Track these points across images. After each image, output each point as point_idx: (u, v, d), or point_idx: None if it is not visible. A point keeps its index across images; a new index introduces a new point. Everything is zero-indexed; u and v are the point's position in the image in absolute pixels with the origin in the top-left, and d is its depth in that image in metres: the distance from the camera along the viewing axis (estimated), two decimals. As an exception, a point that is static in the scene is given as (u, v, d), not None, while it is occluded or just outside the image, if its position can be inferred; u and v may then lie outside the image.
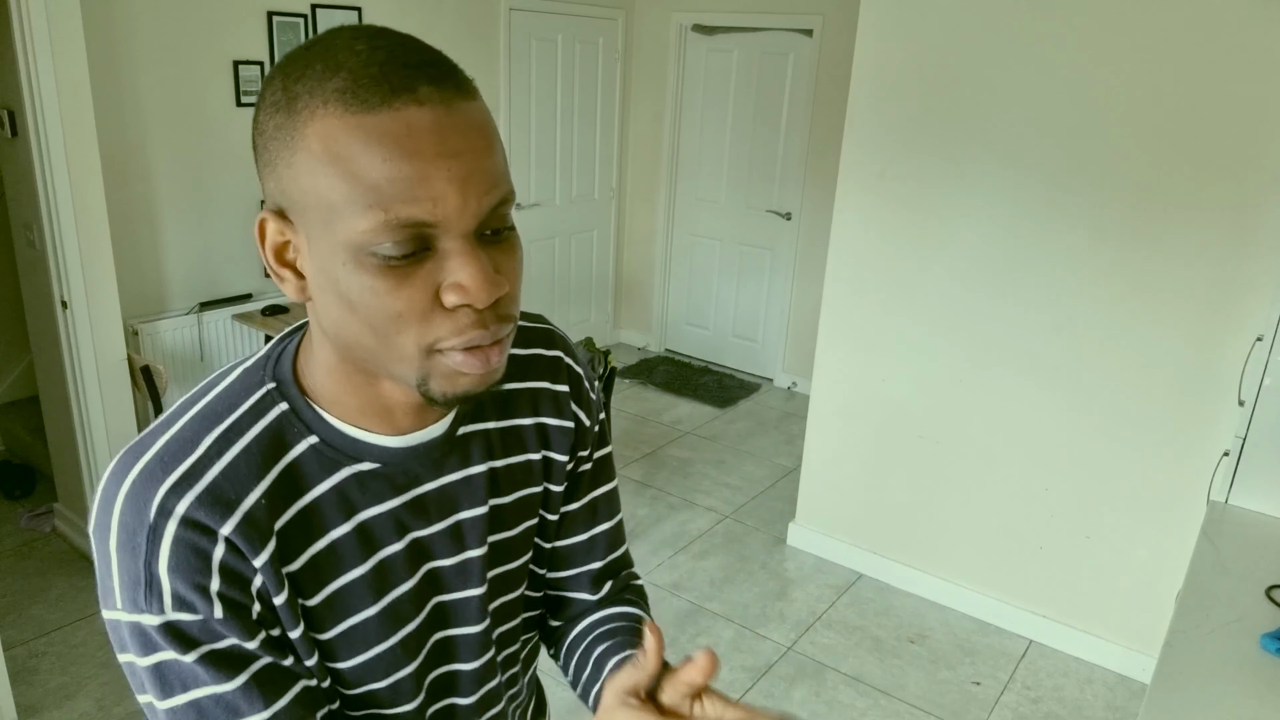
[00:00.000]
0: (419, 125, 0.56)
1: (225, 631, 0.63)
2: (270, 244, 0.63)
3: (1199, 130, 2.39)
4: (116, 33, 3.08)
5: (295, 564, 0.67)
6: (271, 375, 0.69)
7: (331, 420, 0.68)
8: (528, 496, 0.81)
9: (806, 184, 4.75)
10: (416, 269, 0.58)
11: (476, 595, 0.78)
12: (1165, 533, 2.67)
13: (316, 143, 0.56)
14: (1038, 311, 2.75)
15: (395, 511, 0.71)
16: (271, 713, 0.65)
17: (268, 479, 0.66)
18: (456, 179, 0.57)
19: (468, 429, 0.76)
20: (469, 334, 0.60)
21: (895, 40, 2.83)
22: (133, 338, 3.27)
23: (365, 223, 0.56)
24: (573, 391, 0.84)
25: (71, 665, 2.60)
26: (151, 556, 0.61)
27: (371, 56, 0.57)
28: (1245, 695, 1.46)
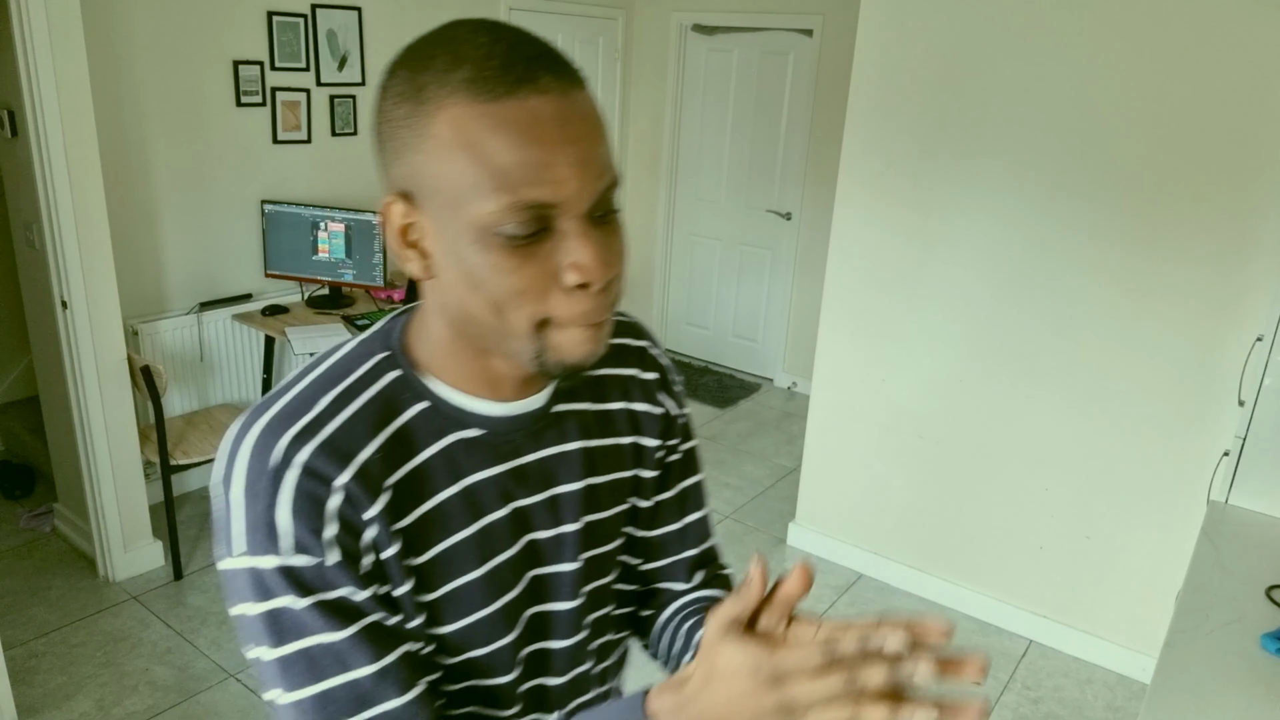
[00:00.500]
0: (542, 113, 0.60)
1: (337, 580, 0.66)
2: (395, 226, 0.66)
3: (1199, 130, 2.39)
4: (116, 33, 3.08)
5: (405, 521, 0.69)
6: (384, 346, 0.73)
7: (440, 388, 0.72)
8: (620, 480, 0.84)
9: (806, 184, 4.75)
10: (537, 248, 0.62)
11: (570, 570, 0.80)
12: (1165, 533, 2.66)
13: (446, 130, 0.60)
14: (1038, 311, 2.75)
15: (499, 478, 0.74)
16: (379, 667, 0.67)
17: (380, 438, 0.69)
18: (577, 163, 0.61)
19: (563, 407, 0.79)
20: (583, 310, 0.65)
21: (895, 40, 2.83)
22: (133, 338, 3.27)
23: (492, 204, 0.60)
24: (660, 380, 0.88)
25: (71, 665, 2.60)
26: (273, 501, 0.64)
27: (493, 49, 0.61)
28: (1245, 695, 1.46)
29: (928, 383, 3.02)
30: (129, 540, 3.02)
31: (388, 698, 0.67)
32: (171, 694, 2.51)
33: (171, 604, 2.91)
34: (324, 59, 3.70)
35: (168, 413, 3.27)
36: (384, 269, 3.54)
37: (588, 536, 0.81)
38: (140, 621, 2.81)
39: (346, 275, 3.57)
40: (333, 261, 3.56)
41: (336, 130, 3.81)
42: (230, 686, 2.56)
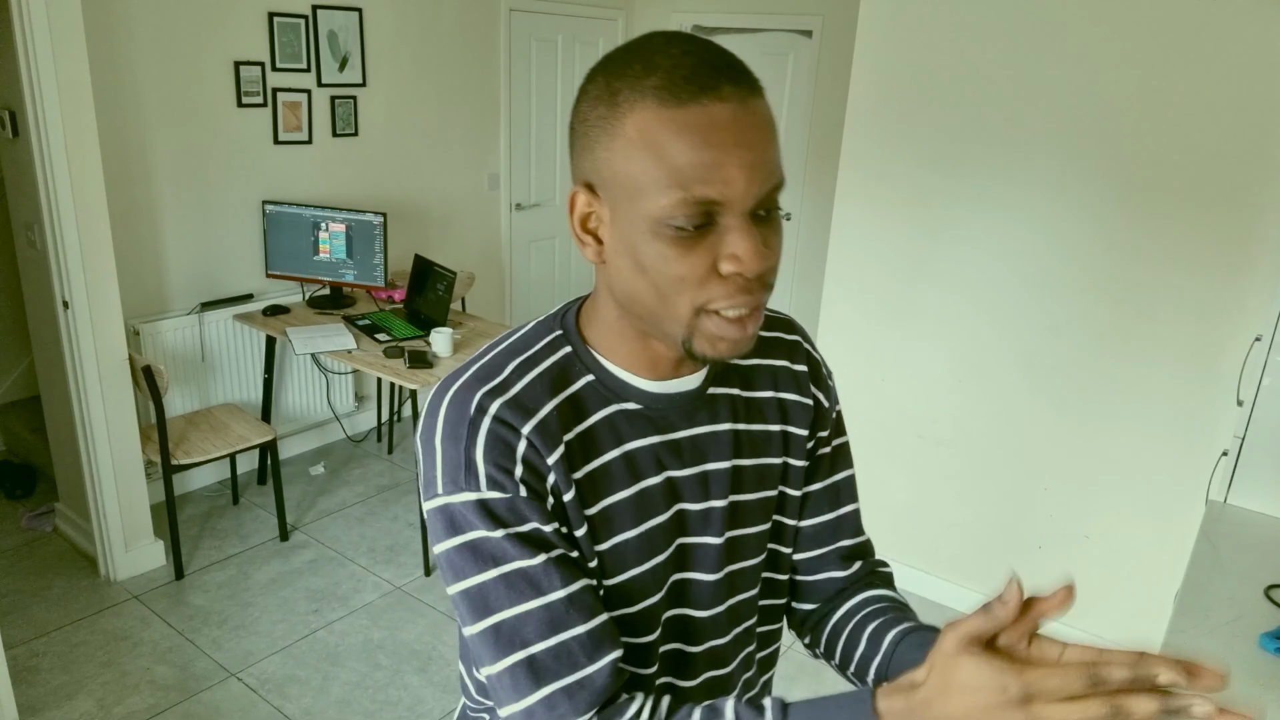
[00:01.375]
0: (720, 119, 0.67)
1: (528, 514, 0.74)
2: (578, 213, 0.74)
3: (1199, 130, 2.40)
4: (117, 33, 3.08)
5: (579, 473, 0.77)
6: (559, 325, 0.82)
7: (606, 364, 0.80)
8: (768, 466, 0.89)
9: (806, 184, 4.75)
10: (701, 240, 0.69)
11: (715, 544, 0.85)
12: (1164, 532, 2.67)
13: (634, 131, 0.67)
14: (1037, 311, 2.75)
15: (655, 448, 0.81)
16: (567, 592, 0.73)
17: (557, 400, 0.77)
18: (745, 165, 0.67)
19: (716, 390, 0.86)
20: (737, 298, 0.70)
21: (895, 41, 2.83)
22: (134, 338, 3.27)
23: (667, 199, 0.67)
24: (811, 373, 0.93)
25: (71, 665, 2.60)
26: (470, 444, 0.73)
27: (683, 60, 0.67)
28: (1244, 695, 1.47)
29: (927, 383, 3.02)
30: (130, 540, 3.02)
31: (577, 622, 0.73)
32: (173, 693, 2.52)
33: (173, 603, 2.91)
34: (325, 60, 3.70)
35: (169, 412, 3.27)
36: (384, 269, 3.55)
37: (732, 515, 0.86)
38: (141, 621, 2.82)
39: (347, 275, 3.58)
40: (334, 262, 3.56)
41: (337, 131, 3.82)
42: (231, 686, 2.56)
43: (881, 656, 0.85)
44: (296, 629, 2.82)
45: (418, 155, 4.21)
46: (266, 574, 3.10)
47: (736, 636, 0.90)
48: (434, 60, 4.15)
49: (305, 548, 3.28)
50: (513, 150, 4.69)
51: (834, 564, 0.96)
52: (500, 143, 4.60)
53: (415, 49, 4.05)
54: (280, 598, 2.97)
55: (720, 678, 0.90)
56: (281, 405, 3.84)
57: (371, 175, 4.01)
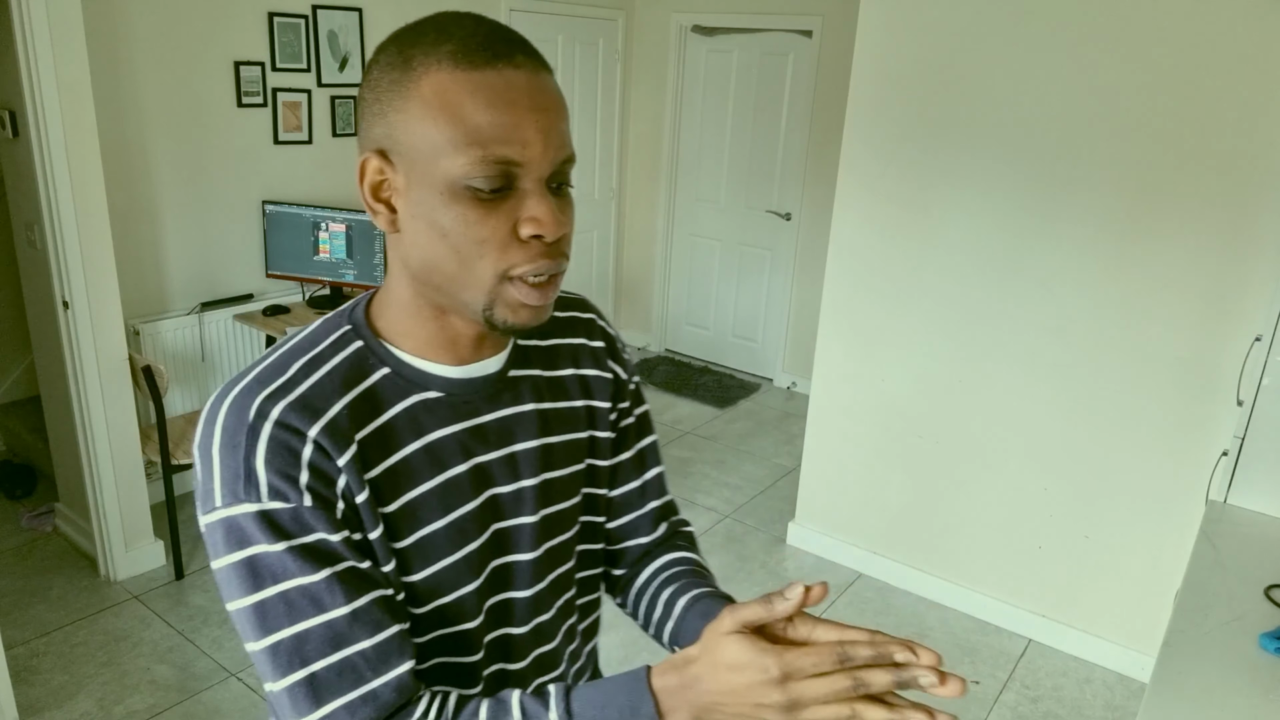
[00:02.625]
0: (516, 83, 0.69)
1: (313, 523, 0.70)
2: (369, 181, 0.73)
3: (1198, 129, 2.40)
4: (117, 33, 3.08)
5: (373, 472, 0.75)
6: (347, 320, 0.80)
7: (401, 354, 0.79)
8: (575, 441, 0.90)
9: (806, 184, 4.76)
10: (501, 203, 0.70)
11: (530, 523, 0.85)
12: (1164, 532, 2.67)
13: (430, 93, 0.68)
14: (1037, 311, 2.75)
15: (459, 435, 0.80)
16: (352, 608, 0.71)
17: (348, 397, 0.75)
18: (542, 129, 0.69)
19: (518, 373, 0.86)
20: (539, 262, 0.72)
21: (895, 40, 2.83)
22: (134, 338, 3.27)
23: (465, 158, 0.68)
24: (608, 348, 0.96)
25: (71, 665, 2.60)
26: (250, 452, 0.70)
27: (477, 29, 0.70)
28: (1244, 695, 1.47)
29: (927, 383, 3.03)
30: (130, 540, 3.02)
31: (362, 637, 0.71)
32: (173, 693, 2.52)
33: (173, 603, 2.91)
34: (325, 60, 3.70)
35: (169, 412, 3.27)
36: (384, 269, 3.55)
37: (545, 493, 0.87)
38: (141, 621, 2.82)
39: (347, 275, 3.58)
40: (334, 262, 3.57)
41: (337, 131, 3.82)
42: (231, 686, 2.56)
43: (673, 622, 0.90)
44: (296, 629, 2.81)
45: (418, 155, 4.20)
46: (266, 574, 3.10)
47: (558, 610, 0.91)
48: (434, 60, 4.15)
49: (305, 548, 3.27)
50: (513, 150, 4.68)
51: (644, 528, 1.00)
52: (500, 143, 4.59)
53: (415, 49, 4.04)
54: (280, 598, 2.97)
55: (548, 653, 0.91)
56: (281, 405, 3.84)
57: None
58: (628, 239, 5.60)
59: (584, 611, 0.98)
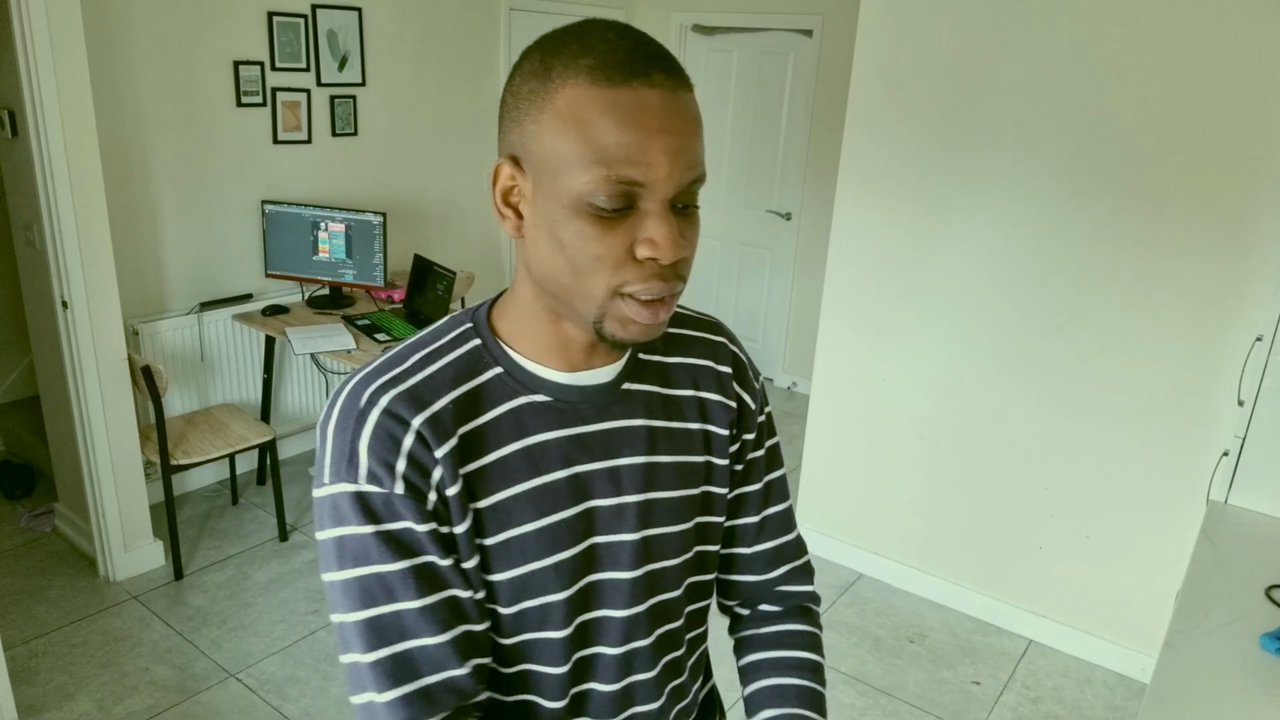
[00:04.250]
0: (649, 104, 0.68)
1: (403, 511, 0.73)
2: (500, 186, 0.74)
3: (1199, 130, 2.40)
4: (116, 33, 3.08)
5: (470, 466, 0.77)
6: (470, 319, 0.83)
7: (515, 356, 0.80)
8: (688, 464, 0.88)
9: (806, 184, 4.75)
10: (620, 222, 0.70)
11: (630, 541, 0.84)
12: (1165, 532, 2.67)
13: (564, 106, 0.68)
14: (1038, 311, 2.75)
15: (561, 442, 0.80)
16: (422, 604, 0.74)
17: (457, 392, 0.77)
18: (669, 151, 0.69)
19: (631, 386, 0.85)
20: (651, 283, 0.72)
21: (895, 40, 2.83)
22: (133, 338, 3.27)
23: (590, 175, 0.68)
24: (736, 374, 0.93)
25: (71, 665, 2.60)
26: (356, 436, 0.73)
27: (620, 44, 0.69)
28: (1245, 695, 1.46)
29: (928, 383, 3.02)
30: (129, 540, 3.02)
31: (426, 634, 0.74)
32: (172, 694, 2.51)
33: (172, 604, 2.91)
34: (324, 59, 3.70)
35: (168, 413, 3.27)
36: (384, 269, 3.55)
37: (648, 512, 0.85)
38: (141, 621, 2.81)
39: (347, 275, 3.57)
40: (333, 262, 3.56)
41: (337, 130, 3.81)
42: (230, 686, 2.56)
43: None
44: (296, 629, 2.81)
45: (417, 155, 4.20)
46: (266, 574, 3.10)
47: (659, 639, 0.89)
48: (434, 60, 4.15)
49: (305, 548, 3.27)
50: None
51: (758, 566, 0.99)
52: (500, 142, 4.60)
53: (415, 49, 4.04)
54: (279, 598, 2.97)
55: (644, 682, 0.88)
56: (281, 405, 3.84)
57: (371, 175, 4.01)
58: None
59: (692, 646, 0.95)
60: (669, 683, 0.91)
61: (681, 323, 0.92)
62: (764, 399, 0.96)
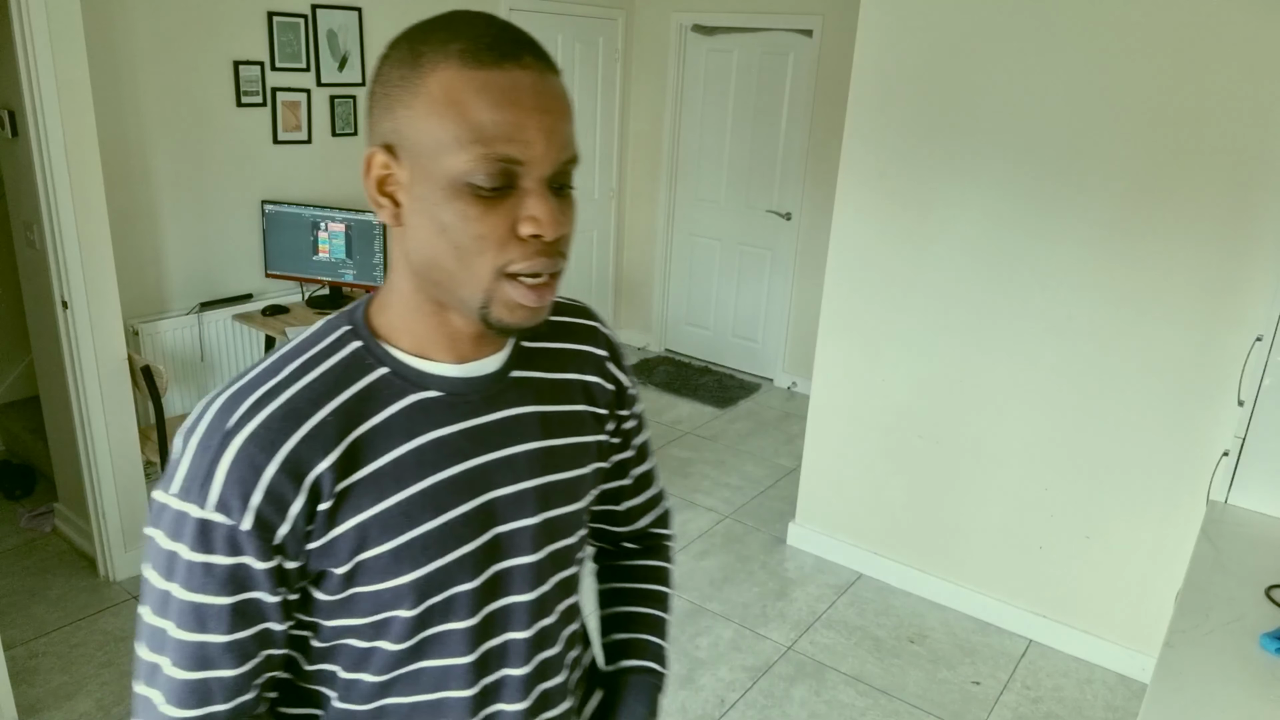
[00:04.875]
0: (522, 83, 0.70)
1: (245, 546, 0.72)
2: (375, 175, 0.74)
3: (1199, 130, 2.40)
4: (116, 33, 3.08)
5: (360, 474, 0.75)
6: (347, 321, 0.81)
7: (399, 354, 0.79)
8: (580, 445, 0.90)
9: (806, 184, 4.75)
10: (501, 201, 0.71)
11: (532, 525, 0.85)
12: (1165, 533, 2.67)
13: (437, 89, 0.69)
14: (1038, 312, 2.75)
15: (455, 436, 0.80)
16: (231, 639, 0.74)
17: (341, 397, 0.76)
18: (545, 129, 0.70)
19: (520, 374, 0.86)
20: (536, 260, 0.72)
21: (895, 40, 2.83)
22: (133, 338, 3.27)
23: (468, 155, 0.69)
24: (610, 356, 0.97)
25: (71, 665, 2.60)
26: (216, 459, 0.71)
27: (488, 29, 0.71)
28: (1245, 695, 1.46)
29: (927, 382, 3.02)
30: (129, 540, 3.02)
31: (229, 666, 0.74)
32: (172, 694, 2.51)
33: (172, 604, 2.91)
34: (324, 59, 3.70)
35: (168, 413, 3.27)
36: (384, 269, 3.55)
37: (546, 496, 0.86)
38: (141, 621, 2.81)
39: (347, 275, 3.57)
40: (333, 262, 3.56)
41: (337, 130, 3.81)
42: (231, 686, 2.56)
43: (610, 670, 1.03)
44: (296, 629, 2.81)
45: (417, 155, 4.20)
46: (266, 574, 3.10)
47: (561, 615, 0.92)
48: (434, 60, 4.15)
49: (305, 548, 3.27)
50: (512, 150, 4.68)
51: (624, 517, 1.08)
52: (500, 142, 4.60)
53: (415, 49, 4.04)
54: (280, 598, 2.96)
55: (551, 659, 0.91)
56: (281, 405, 3.84)
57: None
58: (628, 239, 5.60)
59: (579, 615, 0.99)
60: (569, 653, 0.94)
61: (558, 310, 0.95)
62: (632, 376, 1.01)
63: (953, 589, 3.11)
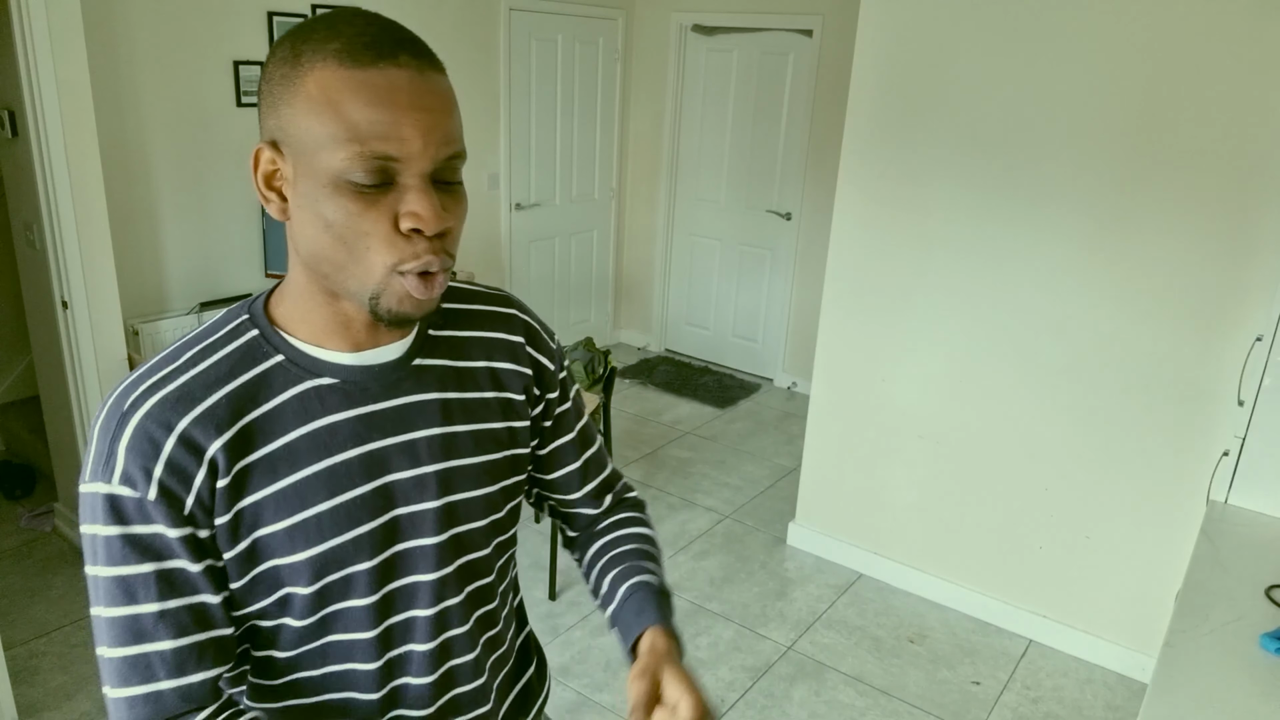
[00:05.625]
0: (398, 82, 0.71)
1: (154, 516, 0.75)
2: (262, 171, 0.76)
3: (1199, 130, 2.40)
4: (116, 33, 3.08)
5: (252, 456, 0.78)
6: (245, 310, 0.83)
7: (295, 342, 0.82)
8: (487, 431, 0.92)
9: (806, 184, 4.75)
10: (381, 197, 0.72)
11: (432, 508, 0.87)
12: (1165, 532, 2.67)
13: (315, 88, 0.71)
14: (1038, 311, 2.75)
15: (350, 423, 0.82)
16: (161, 609, 0.76)
17: (235, 384, 0.79)
18: (420, 127, 0.71)
19: (423, 361, 0.88)
20: (424, 258, 0.74)
21: (895, 40, 2.83)
22: (133, 338, 3.27)
23: (344, 153, 0.70)
24: (529, 340, 0.97)
25: (71, 665, 2.60)
26: (116, 438, 0.74)
27: (366, 29, 0.72)
28: (1245, 695, 1.47)
29: (927, 383, 3.02)
30: (129, 540, 3.01)
31: (163, 638, 0.76)
32: (172, 694, 2.51)
33: (172, 604, 2.91)
34: (324, 59, 3.70)
35: (168, 413, 3.26)
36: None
37: (450, 479, 0.88)
38: (141, 621, 2.81)
39: (347, 275, 3.58)
40: (333, 261, 3.56)
41: (337, 130, 3.81)
42: (231, 686, 2.56)
43: (614, 606, 0.98)
44: (296, 629, 2.81)
45: (417, 155, 4.20)
46: (266, 574, 3.10)
47: (469, 595, 0.93)
48: (434, 60, 4.15)
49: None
50: (512, 150, 4.68)
51: (588, 502, 1.08)
52: (500, 142, 4.60)
53: (415, 49, 4.04)
54: (280, 598, 2.97)
55: (458, 637, 0.93)
56: (281, 405, 3.84)
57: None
58: (628, 239, 5.60)
59: (504, 598, 1.00)
60: (482, 634, 0.96)
61: (473, 299, 0.96)
62: (560, 357, 1.02)
63: (953, 589, 3.11)
